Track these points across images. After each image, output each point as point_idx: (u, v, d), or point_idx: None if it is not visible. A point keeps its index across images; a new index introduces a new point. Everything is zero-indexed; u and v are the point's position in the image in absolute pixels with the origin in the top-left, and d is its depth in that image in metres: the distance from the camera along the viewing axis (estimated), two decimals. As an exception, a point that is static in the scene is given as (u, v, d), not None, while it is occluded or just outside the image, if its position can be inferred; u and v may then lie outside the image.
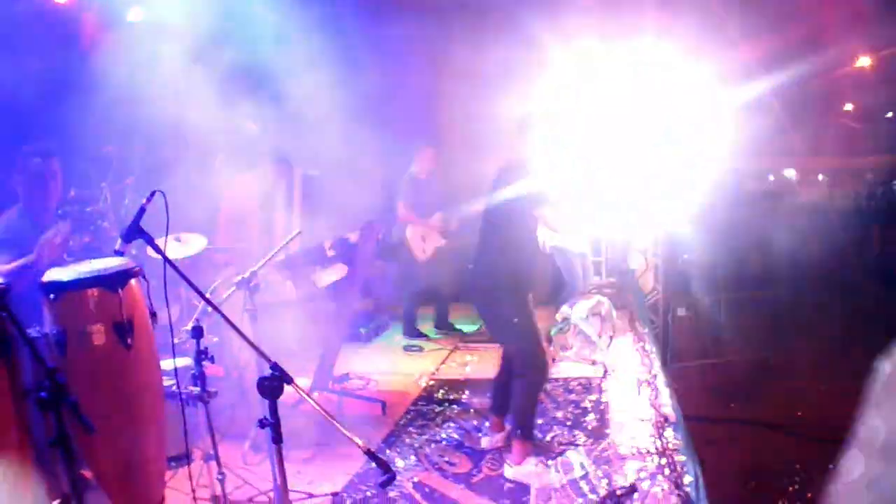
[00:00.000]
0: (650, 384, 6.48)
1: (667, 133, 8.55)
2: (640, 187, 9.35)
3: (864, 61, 16.86)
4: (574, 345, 7.39)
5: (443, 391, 6.75)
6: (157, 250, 3.48)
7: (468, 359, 7.73)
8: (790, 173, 23.61)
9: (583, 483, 4.60)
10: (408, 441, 5.63)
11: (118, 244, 3.56)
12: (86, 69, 6.22)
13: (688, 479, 4.63)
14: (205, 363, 4.08)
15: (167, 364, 4.36)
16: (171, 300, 3.83)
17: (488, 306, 5.17)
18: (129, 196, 6.97)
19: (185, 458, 4.53)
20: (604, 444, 5.31)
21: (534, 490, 4.66)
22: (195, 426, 4.50)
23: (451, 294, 8.80)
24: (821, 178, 22.53)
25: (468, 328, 8.91)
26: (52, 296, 3.75)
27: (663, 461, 4.96)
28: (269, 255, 4.95)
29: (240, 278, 4.68)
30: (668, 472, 4.79)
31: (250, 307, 4.66)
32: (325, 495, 4.72)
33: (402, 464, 5.20)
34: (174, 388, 4.18)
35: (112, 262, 3.94)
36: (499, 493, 4.72)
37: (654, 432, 5.47)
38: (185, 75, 6.37)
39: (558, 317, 7.45)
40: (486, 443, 5.50)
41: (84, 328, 3.73)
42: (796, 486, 5.50)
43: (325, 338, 6.41)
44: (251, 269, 4.73)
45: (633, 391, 6.41)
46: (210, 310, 3.36)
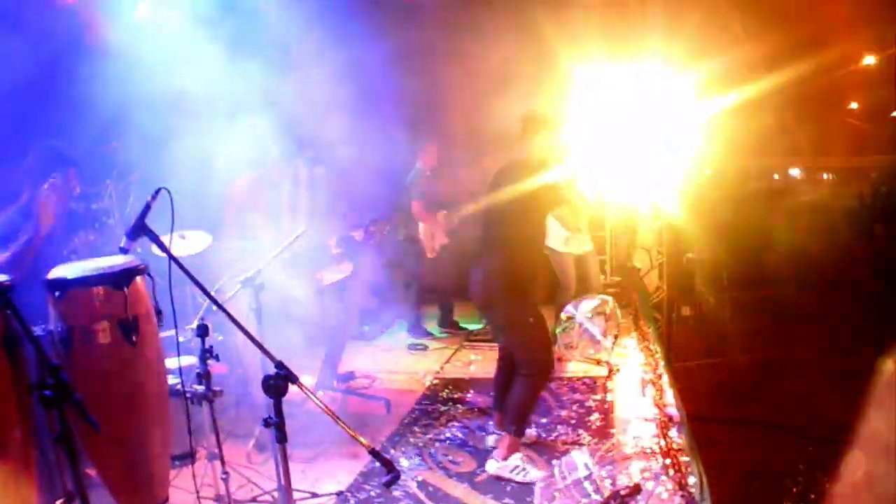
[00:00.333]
0: (655, 384, 6.47)
1: (670, 133, 8.54)
2: (642, 185, 9.37)
3: (870, 60, 16.82)
4: (579, 344, 7.38)
5: (447, 390, 6.75)
6: (162, 248, 3.48)
7: (473, 358, 7.73)
8: (795, 172, 23.58)
9: (587, 483, 4.60)
10: (412, 440, 5.63)
11: (123, 242, 3.56)
12: (91, 65, 6.21)
13: (692, 480, 4.62)
14: (210, 362, 4.08)
15: (172, 362, 4.36)
16: (177, 298, 3.83)
17: (491, 307, 5.13)
18: (133, 193, 6.97)
19: (190, 456, 4.53)
20: (608, 444, 5.30)
21: (538, 489, 4.66)
22: (200, 425, 4.50)
23: (456, 292, 8.79)
24: (826, 176, 22.50)
25: (473, 327, 8.90)
26: (57, 293, 3.75)
27: (668, 461, 4.95)
28: (274, 253, 4.94)
29: (245, 276, 4.67)
30: (672, 472, 4.79)
31: (255, 306, 4.65)
32: (330, 494, 4.72)
33: (406, 463, 5.20)
34: (179, 386, 4.19)
35: (118, 260, 3.93)
36: (503, 493, 4.72)
37: (659, 432, 5.46)
38: (191, 73, 6.36)
39: (563, 316, 7.44)
40: (491, 441, 5.49)
41: (89, 326, 3.73)
42: (800, 487, 5.50)
43: (330, 336, 6.41)
44: (257, 268, 4.72)
45: (637, 391, 6.41)
46: (215, 308, 3.36)
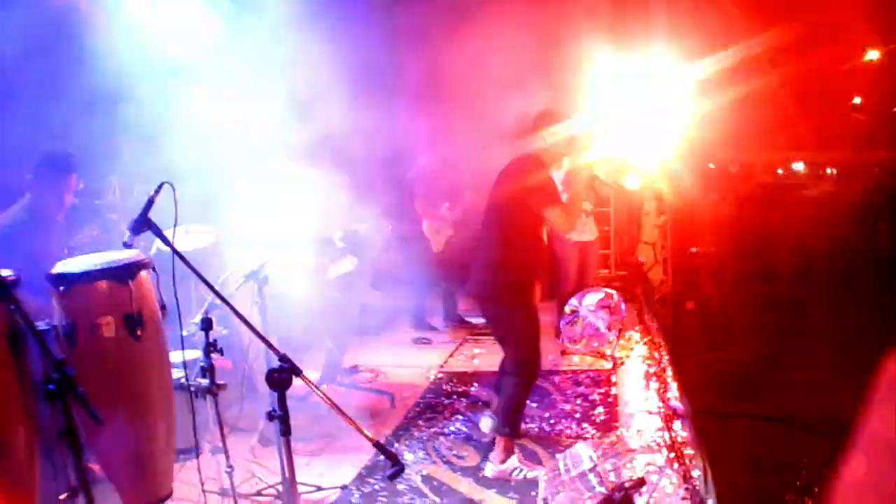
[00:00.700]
0: (659, 377, 6.47)
1: (674, 125, 8.52)
2: (647, 178, 9.35)
3: (874, 55, 16.76)
4: (583, 338, 7.38)
5: (452, 384, 6.76)
6: (166, 242, 3.48)
7: (477, 351, 7.73)
8: (799, 167, 23.53)
9: (591, 476, 4.59)
10: (416, 434, 5.64)
11: (126, 236, 3.56)
12: (93, 63, 6.21)
13: (696, 473, 4.62)
14: (214, 355, 4.08)
15: (176, 356, 4.36)
16: (180, 292, 3.83)
17: (487, 302, 5.14)
18: (137, 188, 6.97)
19: (194, 450, 4.53)
20: (612, 437, 5.30)
21: (542, 483, 4.66)
22: (204, 419, 4.51)
23: (461, 286, 8.79)
24: (830, 171, 22.45)
25: (477, 320, 8.89)
26: (61, 288, 3.75)
27: (672, 454, 4.96)
28: (278, 248, 4.93)
29: (249, 270, 4.67)
30: (676, 465, 4.79)
31: (259, 299, 4.65)
32: (334, 488, 4.73)
33: (410, 457, 5.21)
34: (183, 380, 4.19)
35: (122, 255, 3.93)
36: (507, 486, 4.74)
37: (663, 425, 5.47)
38: (192, 69, 6.36)
39: (567, 309, 7.44)
40: (483, 425, 5.51)
41: (94, 320, 3.73)
42: (804, 480, 5.49)
43: (334, 330, 6.41)
44: (260, 261, 4.71)
45: (641, 384, 6.41)
46: (219, 302, 3.36)
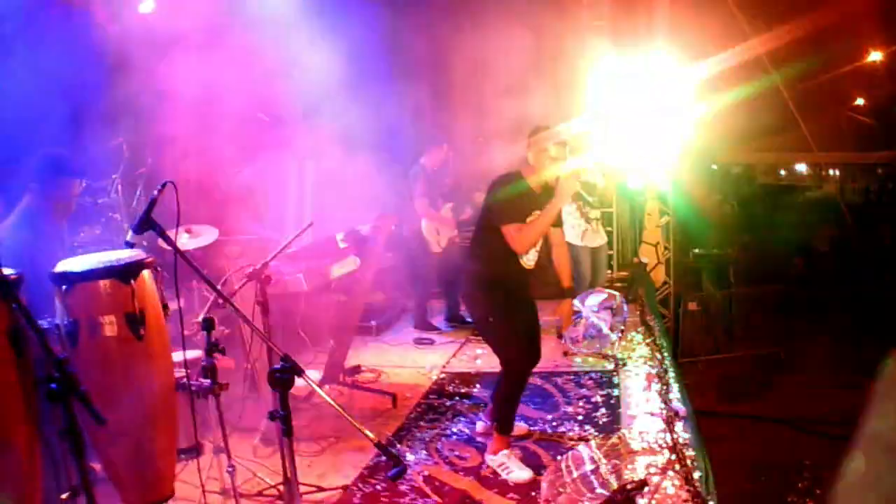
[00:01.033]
0: (661, 379, 6.46)
1: (677, 126, 8.52)
2: (650, 179, 9.36)
3: (876, 56, 16.74)
4: (585, 339, 7.37)
5: (454, 384, 6.75)
6: (168, 241, 3.49)
7: (479, 352, 7.70)
8: (801, 168, 23.53)
9: (593, 477, 4.58)
10: (418, 434, 5.63)
11: (129, 236, 3.56)
12: (97, 62, 6.21)
13: (698, 474, 4.61)
14: (216, 355, 4.08)
15: (178, 356, 4.36)
16: (183, 292, 3.83)
17: (469, 305, 5.53)
18: (140, 188, 6.98)
19: (196, 450, 4.54)
20: (614, 439, 5.29)
21: (544, 484, 4.65)
22: (206, 418, 4.51)
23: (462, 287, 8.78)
24: (832, 172, 22.43)
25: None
26: (64, 287, 3.74)
27: (674, 456, 4.95)
28: (281, 247, 4.93)
29: (251, 270, 4.66)
30: (678, 466, 4.78)
31: (261, 299, 4.65)
32: (336, 488, 4.72)
33: (412, 457, 5.20)
34: (185, 380, 4.19)
35: (125, 254, 3.93)
36: (508, 487, 4.72)
37: (665, 427, 5.46)
38: (197, 64, 6.36)
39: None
40: (478, 427, 5.59)
41: (96, 319, 3.73)
42: (806, 482, 5.49)
43: (336, 330, 6.41)
44: (262, 261, 4.71)
45: (643, 385, 6.40)
46: (222, 301, 3.36)
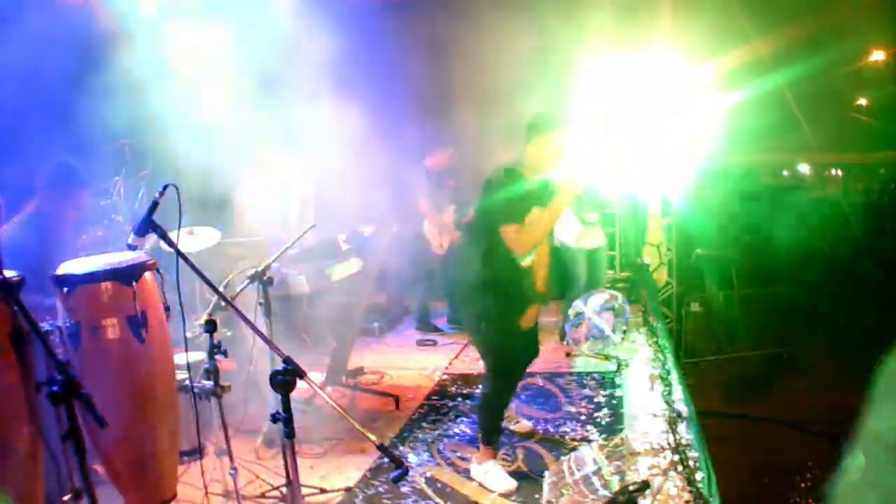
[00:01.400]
0: (663, 379, 6.45)
1: (680, 127, 8.53)
2: (652, 180, 9.36)
3: (879, 56, 16.75)
4: (587, 339, 7.37)
5: (456, 386, 6.74)
6: (170, 244, 3.48)
7: (481, 353, 7.70)
8: (804, 168, 23.54)
9: (595, 478, 4.58)
10: (421, 436, 5.62)
11: (130, 238, 3.56)
12: (99, 63, 6.22)
13: (700, 475, 4.61)
14: (218, 357, 4.08)
15: (180, 358, 4.36)
16: (185, 294, 3.83)
17: (463, 309, 5.28)
18: (143, 189, 6.99)
19: (198, 452, 4.55)
20: (617, 440, 5.29)
21: (546, 485, 4.65)
22: (208, 420, 4.52)
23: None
24: (835, 173, 22.44)
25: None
26: (65, 289, 3.76)
27: (676, 457, 4.94)
28: (283, 249, 4.93)
29: (253, 272, 4.66)
30: (680, 467, 4.77)
31: (263, 301, 4.65)
32: (338, 490, 4.72)
33: (414, 459, 5.20)
34: (187, 382, 4.19)
35: (126, 256, 3.94)
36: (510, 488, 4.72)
37: (668, 428, 5.45)
38: (198, 69, 6.36)
39: (571, 312, 7.43)
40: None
41: (98, 322, 3.74)
42: (809, 483, 5.49)
43: (339, 332, 6.41)
44: (265, 263, 4.71)
45: (646, 386, 6.39)
46: (224, 304, 3.36)
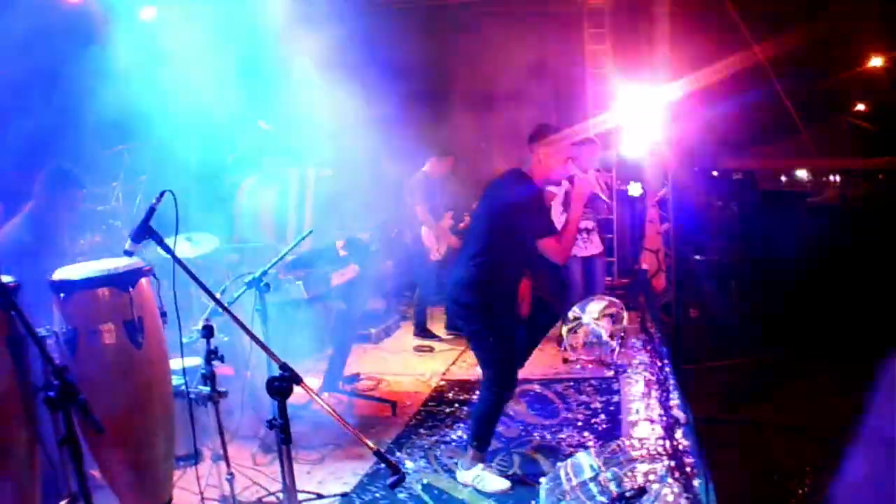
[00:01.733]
0: (661, 385, 6.45)
1: (676, 134, 8.54)
2: (650, 186, 9.37)
3: (877, 61, 16.75)
4: (585, 346, 7.37)
5: (453, 392, 6.74)
6: (167, 250, 3.49)
7: (478, 359, 7.70)
8: (802, 174, 23.54)
9: (592, 485, 4.57)
10: (418, 442, 5.62)
11: (128, 244, 3.56)
12: (98, 67, 6.23)
13: (698, 482, 4.60)
14: (215, 363, 4.07)
15: (177, 363, 4.36)
16: (181, 299, 3.83)
17: (463, 319, 4.96)
18: (140, 195, 6.99)
19: (194, 458, 4.55)
20: (614, 446, 5.28)
21: (543, 492, 4.64)
22: (204, 426, 4.51)
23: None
24: (833, 178, 22.44)
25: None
26: (62, 295, 3.76)
27: (674, 463, 4.93)
28: (281, 255, 4.93)
29: (250, 278, 4.66)
30: (678, 473, 4.77)
31: (261, 307, 4.64)
32: (335, 496, 4.72)
33: (411, 465, 5.19)
34: (184, 387, 4.19)
35: (123, 262, 3.94)
36: (507, 495, 4.72)
37: (665, 434, 5.45)
38: (197, 72, 6.37)
39: (570, 317, 7.43)
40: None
41: (94, 327, 3.74)
42: (807, 489, 5.47)
43: (336, 338, 6.41)
44: (262, 269, 4.71)
45: (644, 392, 6.39)
46: (220, 309, 3.36)
